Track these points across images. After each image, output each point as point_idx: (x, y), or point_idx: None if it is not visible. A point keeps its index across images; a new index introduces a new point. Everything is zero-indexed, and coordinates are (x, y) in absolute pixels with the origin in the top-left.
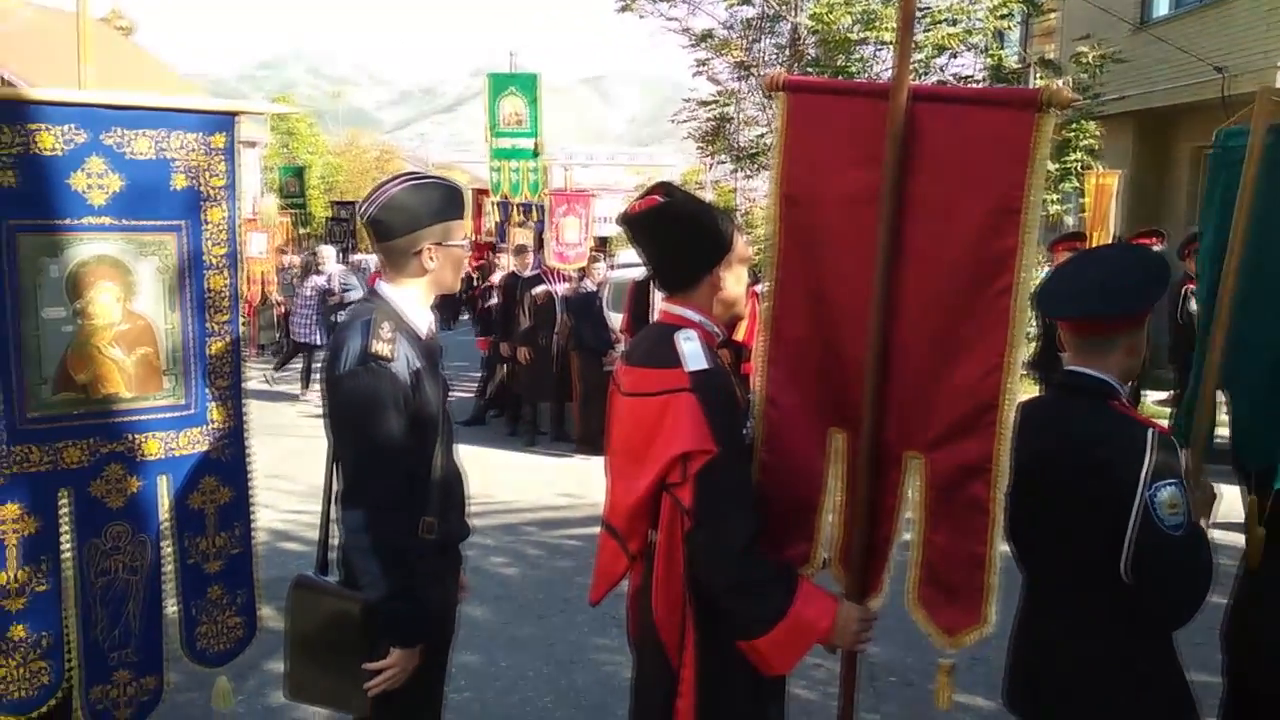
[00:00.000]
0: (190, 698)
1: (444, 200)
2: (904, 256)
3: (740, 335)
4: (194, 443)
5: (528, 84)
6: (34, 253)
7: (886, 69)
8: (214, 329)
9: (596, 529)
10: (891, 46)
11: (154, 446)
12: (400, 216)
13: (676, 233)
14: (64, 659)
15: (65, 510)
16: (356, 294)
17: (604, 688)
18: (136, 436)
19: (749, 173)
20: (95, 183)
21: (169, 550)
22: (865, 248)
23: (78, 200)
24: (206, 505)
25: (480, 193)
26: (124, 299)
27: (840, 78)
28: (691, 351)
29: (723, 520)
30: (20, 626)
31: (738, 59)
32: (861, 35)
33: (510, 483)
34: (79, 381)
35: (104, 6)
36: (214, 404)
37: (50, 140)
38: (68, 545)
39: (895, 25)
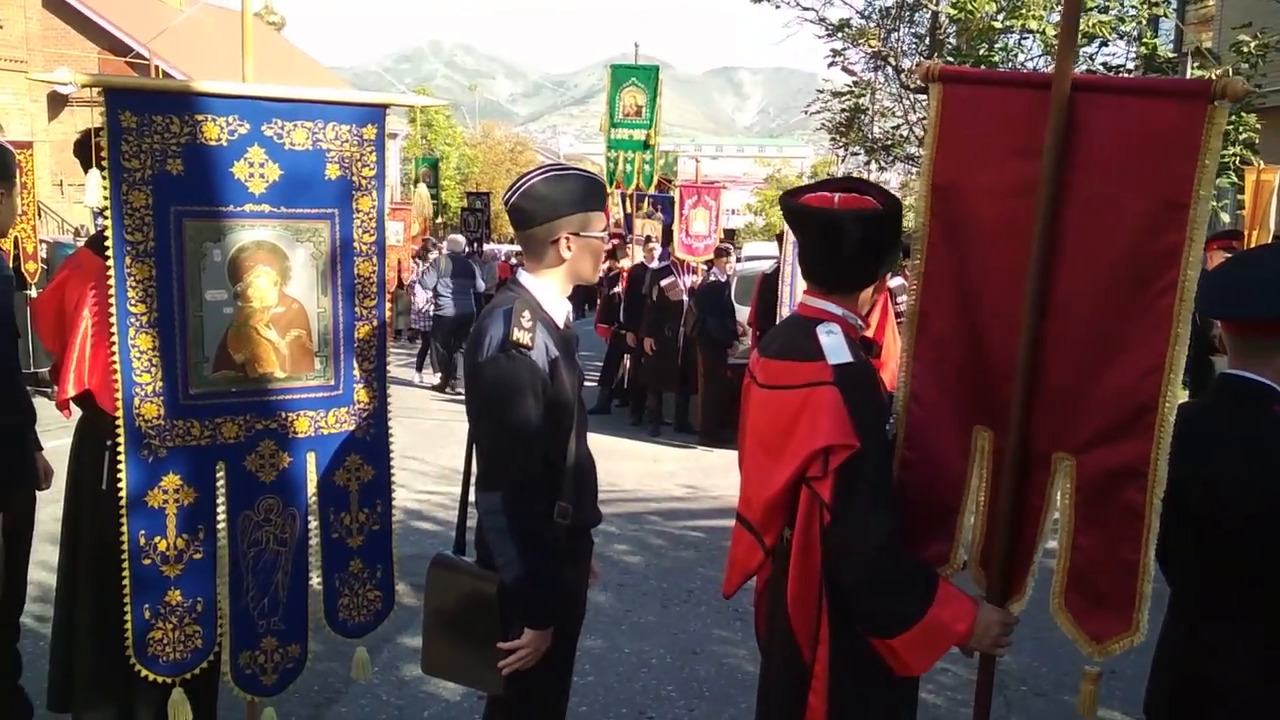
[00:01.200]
0: (330, 667)
1: (583, 191)
2: (1060, 251)
3: (869, 331)
4: (340, 422)
5: (648, 76)
6: (198, 238)
7: (1031, 58)
8: (361, 313)
9: (718, 521)
10: (1037, 35)
11: (304, 424)
12: (539, 205)
13: (869, 240)
14: (215, 624)
15: (221, 483)
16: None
17: (727, 679)
18: (288, 414)
19: (883, 164)
20: (255, 172)
21: (314, 524)
22: (1018, 242)
23: (239, 188)
24: (350, 482)
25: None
26: (280, 283)
27: (982, 68)
28: (834, 344)
29: (862, 517)
30: (177, 591)
31: (874, 49)
32: (1005, 23)
33: (633, 472)
34: (237, 361)
35: (257, 2)
36: (360, 385)
37: (215, 131)
38: (222, 516)
39: (1040, 13)
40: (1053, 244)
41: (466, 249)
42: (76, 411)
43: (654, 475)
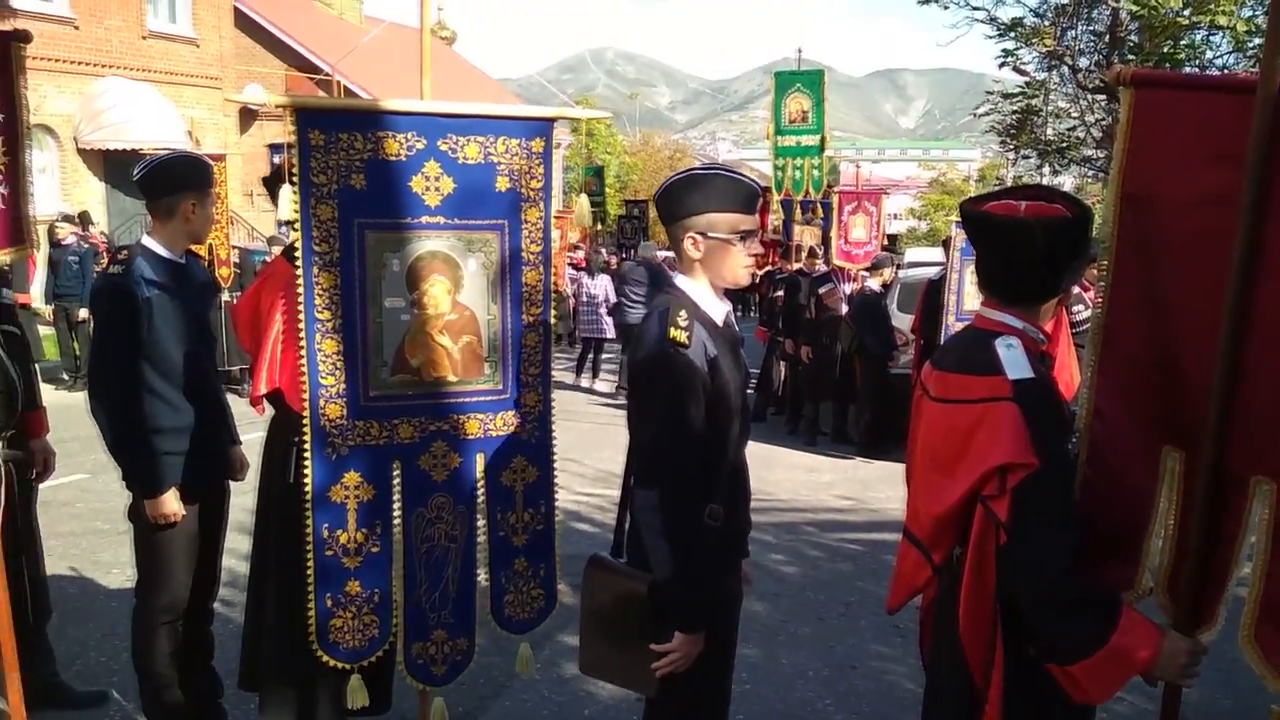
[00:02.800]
0: (494, 661)
1: (712, 192)
2: (1262, 263)
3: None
4: (507, 424)
5: (813, 80)
6: (378, 248)
7: (1220, 56)
8: (528, 321)
9: (877, 534)
10: (1226, 31)
11: (474, 426)
12: (671, 204)
13: (1057, 249)
14: (391, 615)
15: (397, 481)
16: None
17: (886, 697)
18: (459, 417)
19: (1056, 168)
20: (431, 185)
21: (482, 522)
22: (1215, 253)
23: (416, 201)
24: (516, 483)
25: (767, 190)
26: (453, 291)
27: (1167, 66)
28: (1014, 359)
29: (1041, 538)
30: (355, 583)
31: (1048, 48)
32: (1192, 19)
33: (789, 481)
34: (413, 365)
35: (430, 18)
36: (525, 390)
37: (394, 146)
38: (398, 512)
39: (1230, 8)
40: (1254, 254)
41: (658, 257)
42: (269, 408)
43: (810, 485)
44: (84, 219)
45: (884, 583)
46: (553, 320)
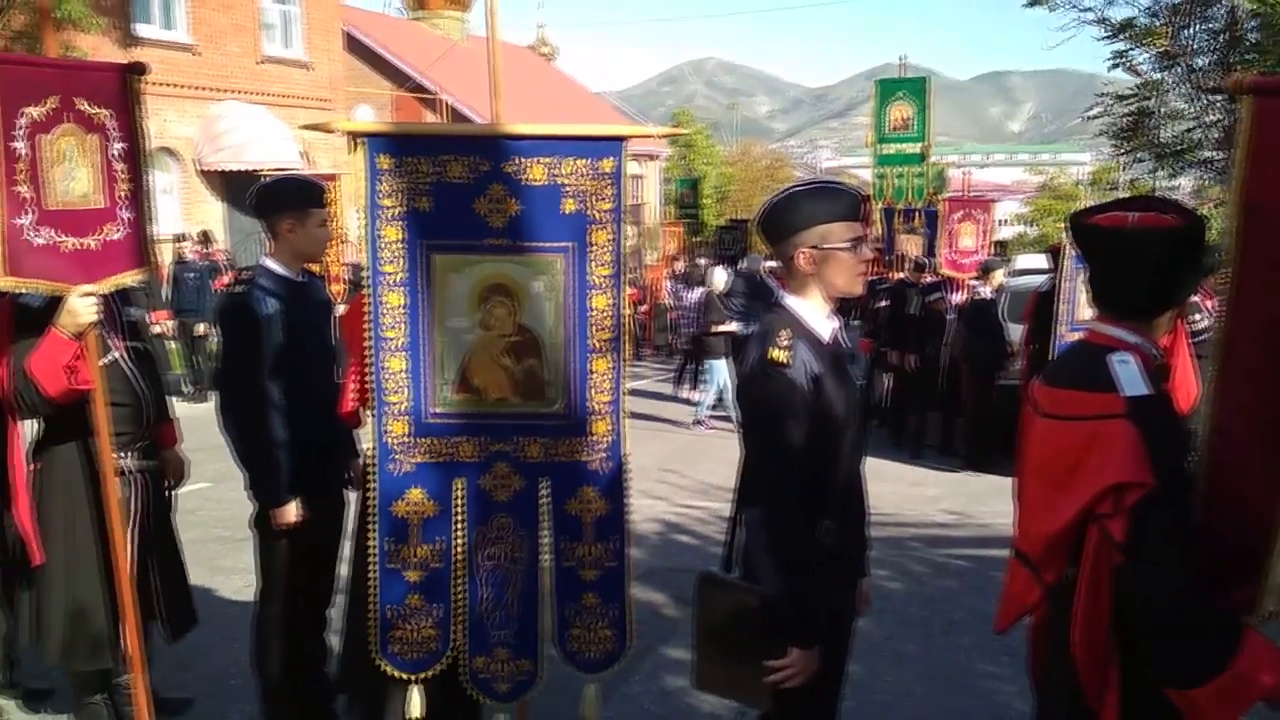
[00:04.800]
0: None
1: (821, 204)
2: None
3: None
4: (574, 451)
5: (917, 88)
6: (443, 270)
7: None
8: (596, 346)
9: (985, 550)
10: None
11: (536, 450)
12: (778, 224)
13: (1169, 261)
14: (450, 630)
15: (459, 498)
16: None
17: (994, 717)
18: (521, 439)
19: (1171, 171)
20: (495, 207)
21: (546, 549)
22: None
23: (480, 223)
24: (584, 514)
25: (868, 199)
26: (516, 313)
27: None
28: (1129, 375)
29: (1159, 559)
30: (417, 596)
31: (1162, 48)
32: None
33: (893, 495)
34: (475, 385)
35: (530, 35)
36: (594, 417)
37: (459, 169)
38: (460, 529)
39: None
40: None
41: (763, 268)
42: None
43: (915, 499)
44: (205, 237)
45: (992, 600)
46: (649, 329)
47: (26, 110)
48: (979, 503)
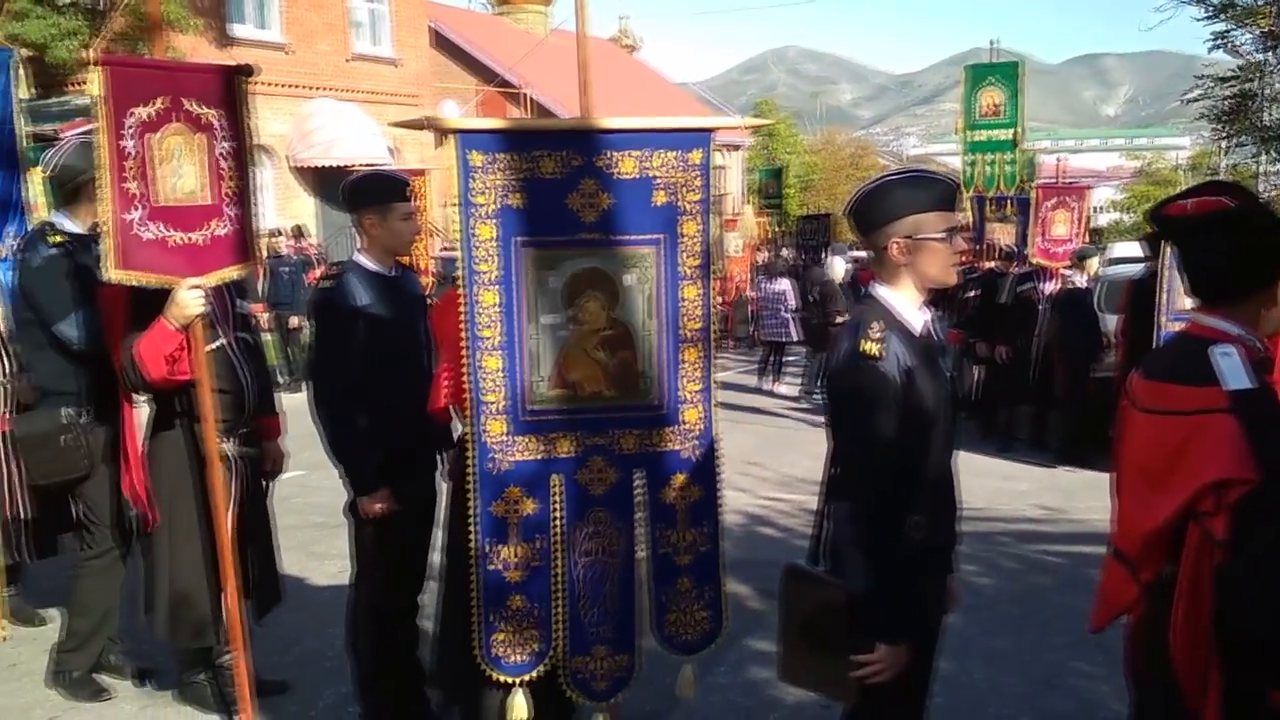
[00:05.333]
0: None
1: (912, 194)
2: None
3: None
4: (667, 441)
5: (1008, 73)
6: (536, 266)
7: None
8: (687, 335)
9: (1079, 547)
10: None
11: (631, 442)
12: (870, 214)
13: (1240, 242)
14: (552, 629)
15: (556, 495)
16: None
17: (1088, 716)
18: (616, 432)
19: (1275, 155)
20: (587, 202)
21: (642, 538)
22: None
23: (573, 218)
24: (678, 501)
25: (958, 187)
26: (609, 307)
27: None
28: (1231, 368)
29: (1265, 558)
30: (518, 597)
31: (1265, 28)
32: None
33: (982, 489)
34: (570, 380)
35: (614, 29)
36: (686, 406)
37: (552, 165)
38: (558, 527)
39: None
40: None
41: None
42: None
43: (1005, 494)
44: (298, 232)
45: (1086, 597)
46: (730, 321)
47: (135, 110)
48: (1072, 498)
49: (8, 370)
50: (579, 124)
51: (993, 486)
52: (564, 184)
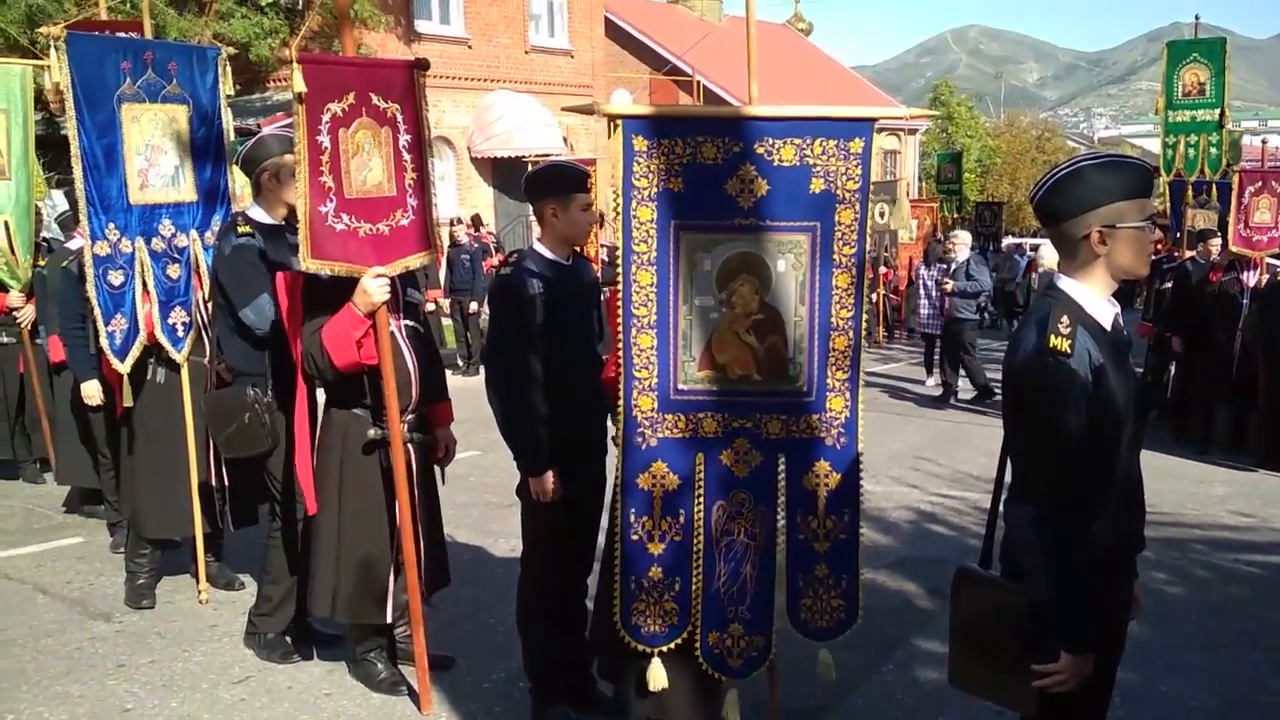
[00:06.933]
0: (847, 658)
1: (1114, 179)
2: None
3: None
4: (811, 427)
5: (1213, 50)
6: (691, 249)
7: None
8: (838, 324)
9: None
10: None
11: (775, 427)
12: (1064, 201)
13: None
14: (690, 605)
15: (700, 473)
16: (976, 286)
17: None
18: (762, 416)
19: None
20: (745, 188)
21: (782, 523)
22: None
23: (730, 203)
24: (818, 487)
25: (1155, 170)
26: (761, 292)
27: None
28: None
29: None
30: (658, 569)
31: None
32: None
33: (1175, 493)
34: (719, 362)
35: (788, 11)
36: (832, 394)
37: (712, 151)
38: (700, 505)
39: None
40: None
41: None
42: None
43: (1200, 499)
44: (476, 221)
45: None
46: (901, 312)
47: (330, 106)
48: (1274, 505)
49: (208, 350)
50: (741, 112)
51: (1186, 490)
52: (723, 170)
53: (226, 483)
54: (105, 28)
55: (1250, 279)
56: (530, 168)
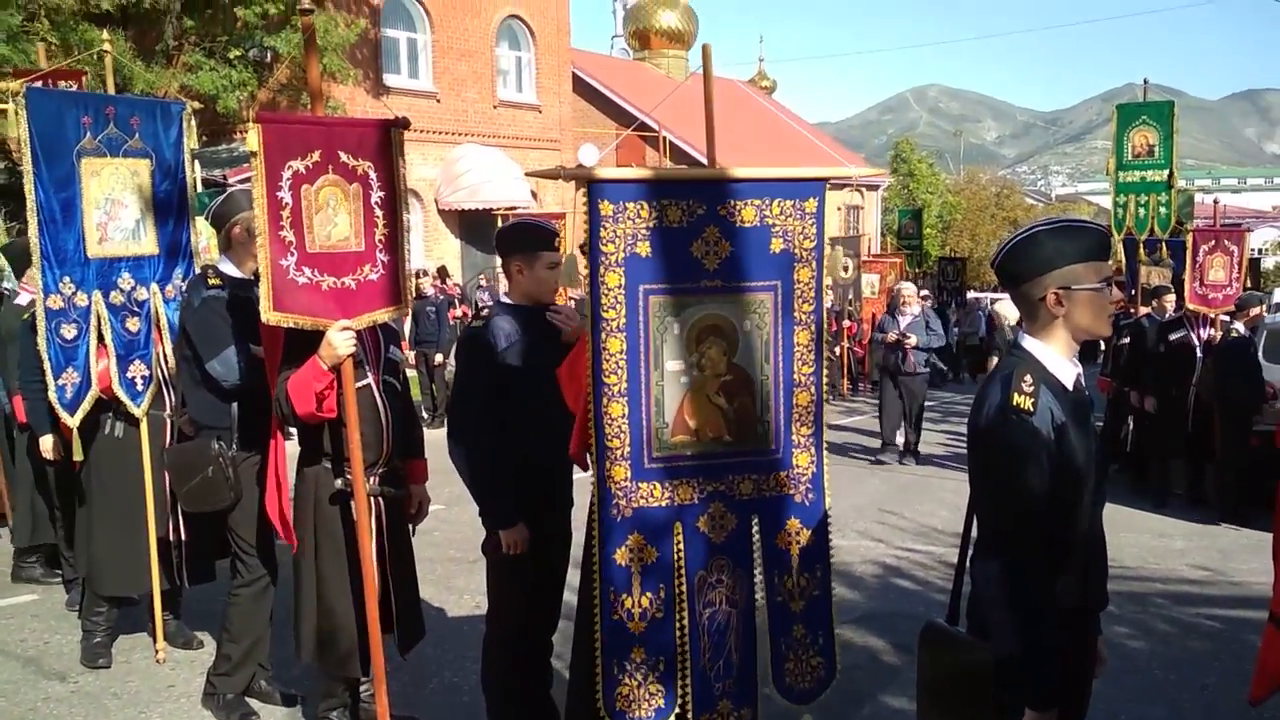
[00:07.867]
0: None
1: (1070, 244)
2: None
3: None
4: (781, 485)
5: (1162, 112)
6: (660, 313)
7: None
8: (800, 380)
9: (1240, 611)
10: None
11: (748, 487)
12: (1021, 265)
13: None
14: (676, 683)
15: (679, 543)
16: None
17: None
18: (735, 478)
19: None
20: (710, 249)
21: (760, 585)
22: None
23: (696, 265)
24: (790, 545)
25: (1106, 229)
26: (729, 353)
27: None
28: None
29: None
30: (640, 649)
31: None
32: None
33: (1134, 546)
34: (691, 426)
35: (751, 70)
36: (798, 450)
37: (677, 214)
38: (681, 575)
39: None
40: None
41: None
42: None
43: (1159, 552)
44: (441, 273)
45: (1248, 665)
46: (866, 365)
47: (291, 164)
48: (1233, 558)
49: (170, 404)
50: (702, 173)
51: (1147, 544)
52: (688, 232)
53: (184, 537)
54: (46, 78)
55: (1204, 335)
56: (500, 221)
